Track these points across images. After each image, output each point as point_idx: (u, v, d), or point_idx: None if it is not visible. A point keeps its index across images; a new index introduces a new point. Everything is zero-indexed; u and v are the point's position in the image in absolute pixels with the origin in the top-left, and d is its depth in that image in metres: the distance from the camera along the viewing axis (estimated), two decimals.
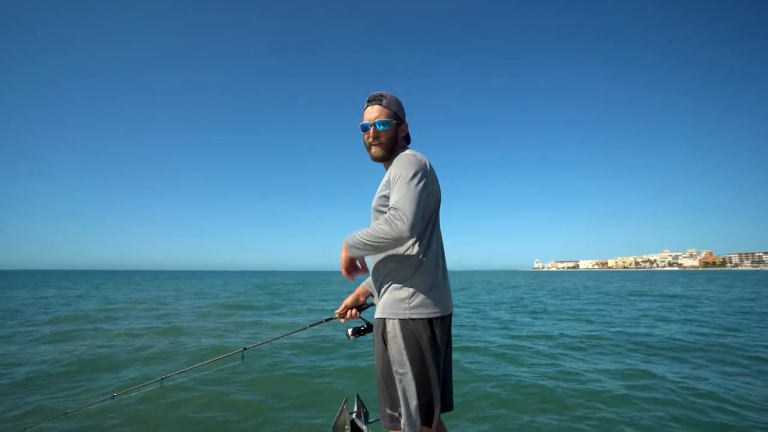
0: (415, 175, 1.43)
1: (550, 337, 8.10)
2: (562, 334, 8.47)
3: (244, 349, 2.09)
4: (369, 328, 1.84)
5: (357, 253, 1.46)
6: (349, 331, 1.83)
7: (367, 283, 1.90)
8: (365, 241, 1.40)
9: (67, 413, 2.36)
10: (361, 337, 1.84)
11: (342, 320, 1.87)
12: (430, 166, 1.54)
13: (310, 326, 2.06)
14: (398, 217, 1.34)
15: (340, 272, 1.58)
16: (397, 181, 1.43)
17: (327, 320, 2.01)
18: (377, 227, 1.37)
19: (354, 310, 1.86)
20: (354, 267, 1.58)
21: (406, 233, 1.33)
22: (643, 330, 8.80)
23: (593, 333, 8.49)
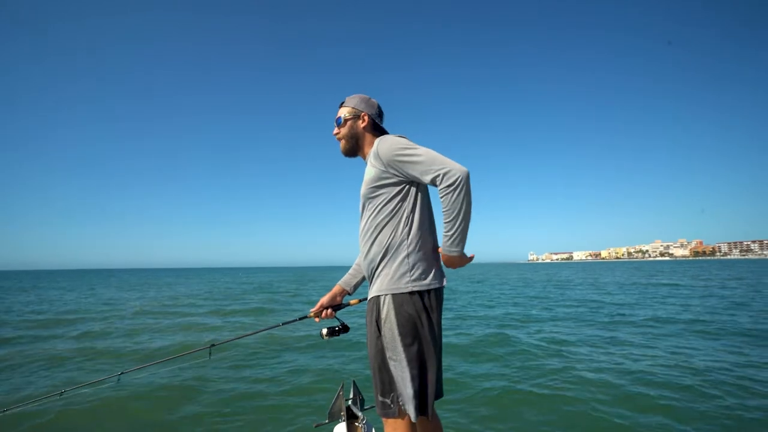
0: (409, 144, 1.50)
1: None
2: None
3: (212, 345, 1.99)
4: (344, 328, 1.82)
5: (463, 246, 1.47)
6: (324, 331, 1.79)
7: (344, 282, 1.87)
8: (460, 227, 1.42)
9: (5, 411, 1.94)
10: (334, 338, 1.80)
11: (317, 320, 1.83)
12: None
13: (282, 324, 2.01)
14: (447, 174, 1.39)
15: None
16: (405, 157, 1.47)
17: (301, 319, 1.97)
18: (450, 204, 1.39)
19: (329, 310, 1.82)
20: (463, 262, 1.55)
21: (459, 172, 1.39)
22: None
23: None
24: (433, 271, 1.51)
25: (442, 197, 1.41)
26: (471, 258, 1.55)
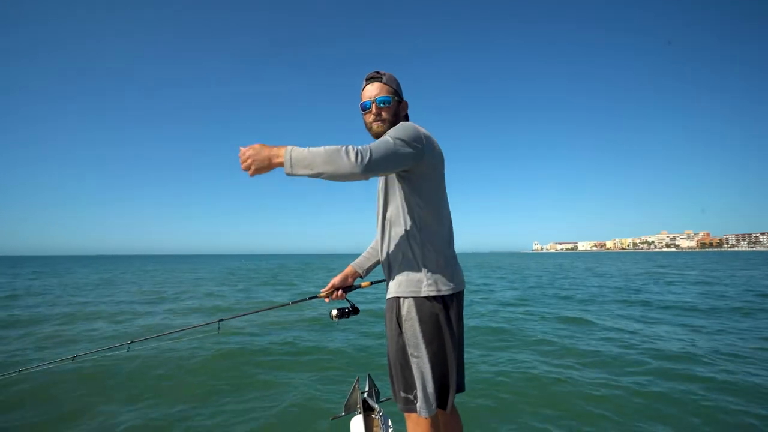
0: (403, 136, 1.36)
1: None
2: None
3: (221, 320, 1.98)
4: (354, 310, 1.80)
5: (299, 170, 1.23)
6: (334, 312, 1.77)
7: (357, 264, 1.84)
8: (316, 159, 1.21)
9: (21, 371, 2.06)
10: (344, 319, 1.78)
11: (327, 300, 1.80)
12: (428, 137, 1.46)
13: (292, 303, 2.00)
14: (363, 152, 1.23)
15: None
16: (385, 136, 1.37)
17: (311, 298, 1.94)
18: (335, 151, 1.22)
19: (340, 291, 1.80)
20: (264, 169, 1.26)
21: (359, 170, 1.21)
22: None
23: None
24: (452, 274, 1.47)
25: (347, 146, 1.25)
26: (265, 166, 1.25)
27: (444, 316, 1.43)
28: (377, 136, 1.53)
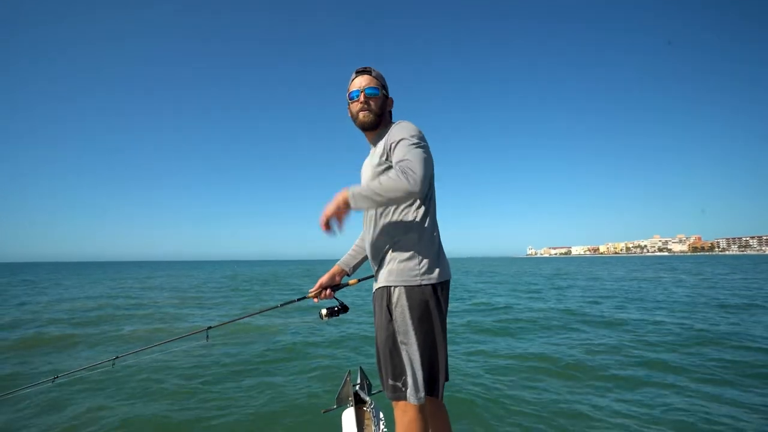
0: (419, 138, 1.43)
1: None
2: None
3: (209, 328, 1.95)
4: (343, 308, 1.81)
5: (362, 204, 1.36)
6: (323, 312, 1.78)
7: (343, 262, 1.86)
8: (377, 192, 1.31)
9: None
10: (334, 318, 1.78)
11: (316, 300, 1.81)
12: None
13: (281, 305, 1.98)
14: (409, 171, 1.30)
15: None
16: (401, 142, 1.41)
17: (299, 299, 1.94)
18: (390, 179, 1.31)
19: (328, 290, 1.81)
20: (339, 218, 1.40)
21: (418, 187, 1.29)
22: None
23: None
24: (441, 264, 1.51)
25: (393, 172, 1.34)
26: (340, 211, 1.37)
27: (434, 303, 1.45)
28: (362, 125, 1.59)
